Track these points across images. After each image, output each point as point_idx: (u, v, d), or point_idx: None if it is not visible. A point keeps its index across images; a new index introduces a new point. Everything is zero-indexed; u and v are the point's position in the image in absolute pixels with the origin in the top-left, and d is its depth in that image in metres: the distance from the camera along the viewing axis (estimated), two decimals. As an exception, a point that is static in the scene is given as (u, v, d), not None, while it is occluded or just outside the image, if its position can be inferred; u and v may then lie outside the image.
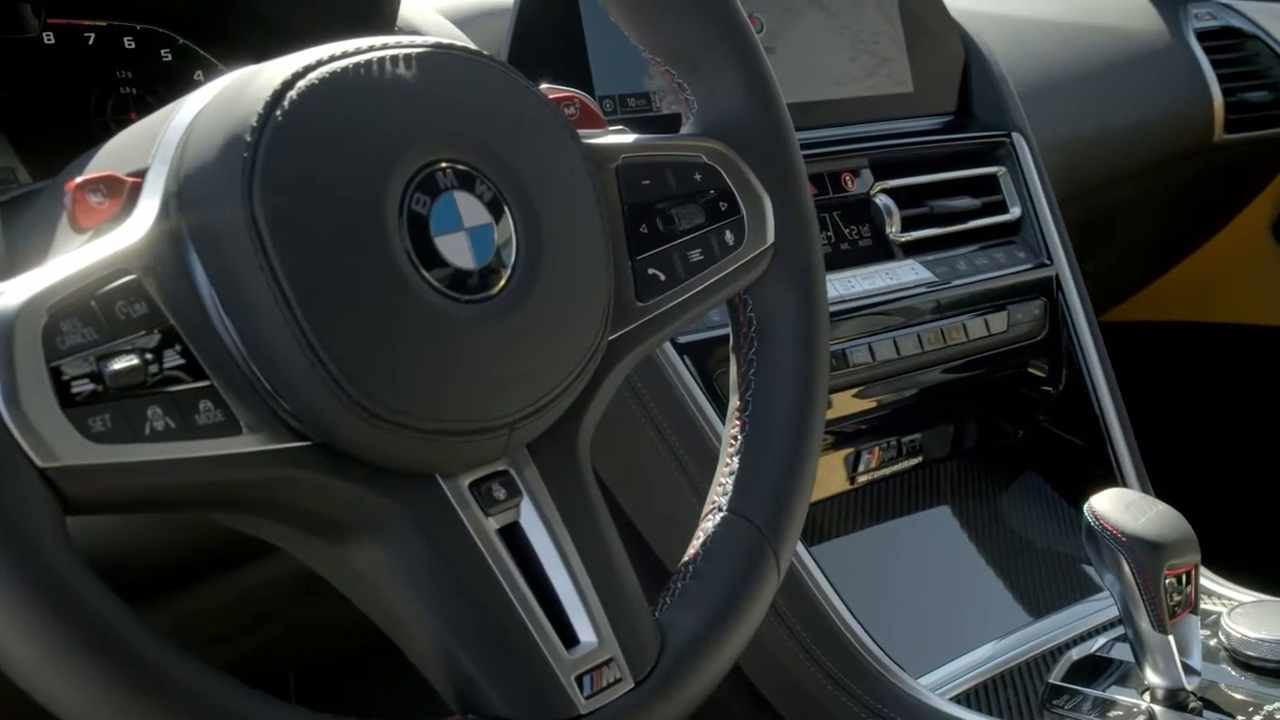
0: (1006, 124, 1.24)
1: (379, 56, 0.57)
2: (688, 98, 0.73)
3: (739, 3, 0.72)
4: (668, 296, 0.67)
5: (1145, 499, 0.93)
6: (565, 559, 0.61)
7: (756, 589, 0.67)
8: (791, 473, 0.71)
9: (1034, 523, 1.20)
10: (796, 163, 0.73)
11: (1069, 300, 1.21)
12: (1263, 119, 1.71)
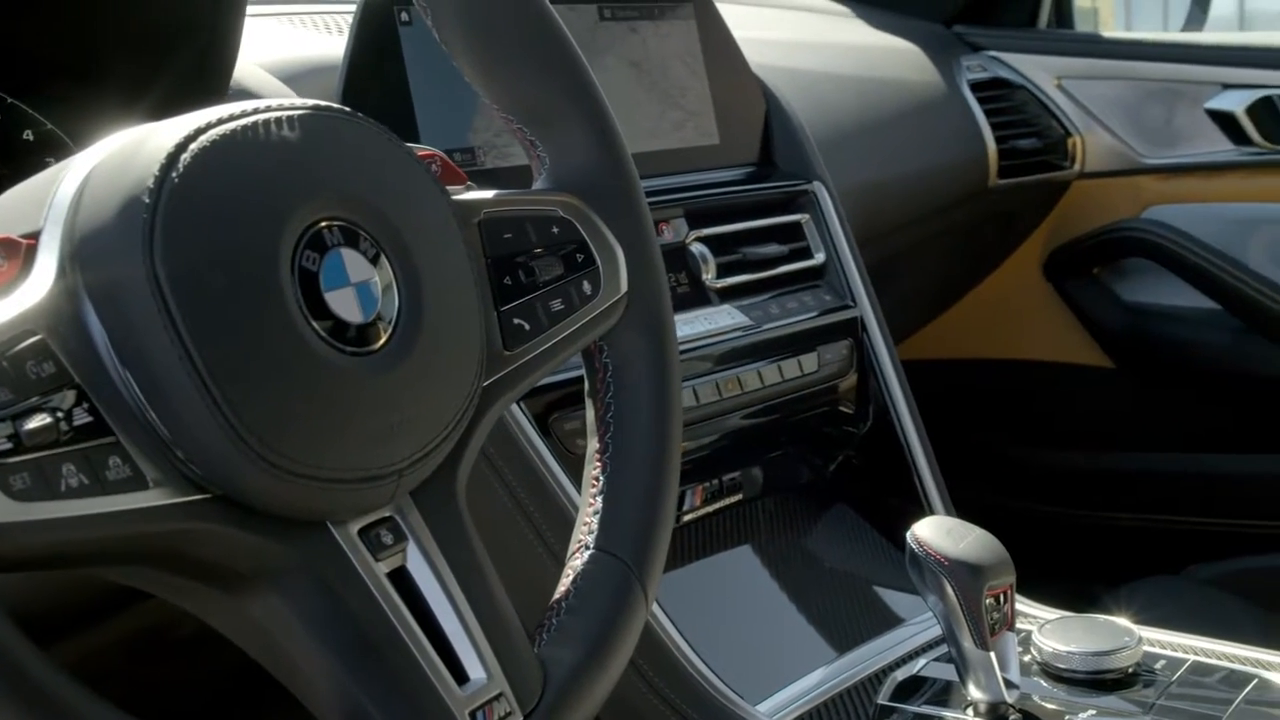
0: (807, 173, 1.31)
1: (264, 119, 0.59)
2: (539, 154, 0.76)
3: (586, 64, 0.76)
4: (533, 345, 0.71)
5: (963, 525, 1.00)
6: (451, 599, 0.64)
7: (628, 621, 0.71)
8: (653, 509, 0.75)
9: (851, 553, 1.27)
10: (645, 214, 0.78)
11: (873, 340, 1.29)
12: (1032, 165, 1.83)
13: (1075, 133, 1.85)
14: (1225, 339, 1.83)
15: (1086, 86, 1.85)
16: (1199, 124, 1.80)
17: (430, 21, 0.73)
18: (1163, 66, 1.83)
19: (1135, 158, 1.85)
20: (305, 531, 0.60)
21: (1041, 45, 1.88)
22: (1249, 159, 1.79)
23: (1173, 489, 1.89)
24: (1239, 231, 1.81)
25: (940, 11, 1.89)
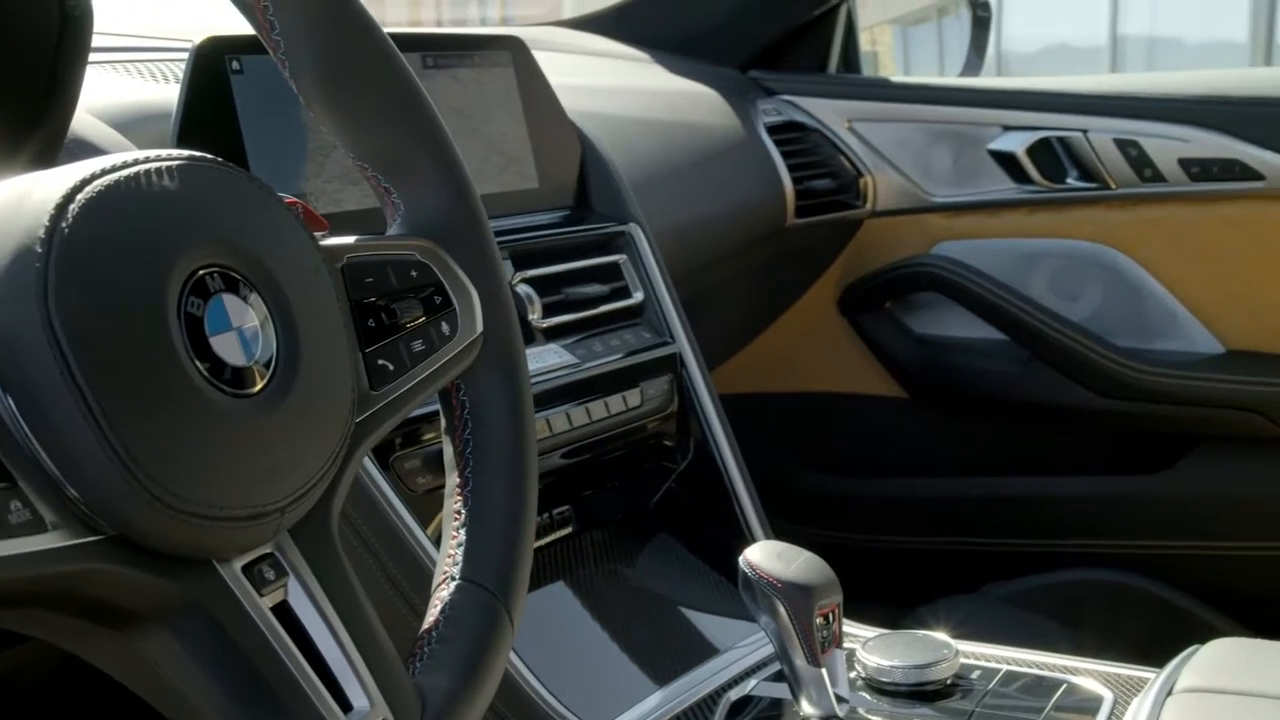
0: (623, 216, 1.37)
1: (146, 170, 0.62)
2: (394, 200, 0.80)
3: (438, 114, 0.80)
4: (398, 384, 0.75)
5: (792, 549, 1.06)
6: (333, 631, 0.67)
7: (497, 646, 0.76)
8: (514, 538, 0.79)
9: (680, 581, 1.32)
10: (496, 258, 0.82)
11: (691, 375, 1.35)
12: (826, 204, 1.92)
13: (866, 173, 1.95)
14: (1012, 367, 1.94)
15: (876, 129, 1.95)
16: (982, 164, 1.91)
17: (287, 74, 0.76)
18: (947, 109, 1.93)
19: (923, 196, 1.95)
20: (193, 569, 0.62)
21: (832, 90, 1.97)
22: (1029, 197, 1.90)
23: (968, 512, 1.99)
24: (1022, 265, 1.93)
25: (736, 58, 1.97)
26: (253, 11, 0.74)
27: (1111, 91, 1.89)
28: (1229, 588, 1.86)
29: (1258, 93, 1.83)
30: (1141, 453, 1.91)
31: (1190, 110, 1.82)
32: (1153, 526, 1.90)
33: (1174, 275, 1.88)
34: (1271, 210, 1.81)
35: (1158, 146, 1.83)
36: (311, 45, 0.75)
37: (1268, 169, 1.78)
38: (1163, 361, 1.87)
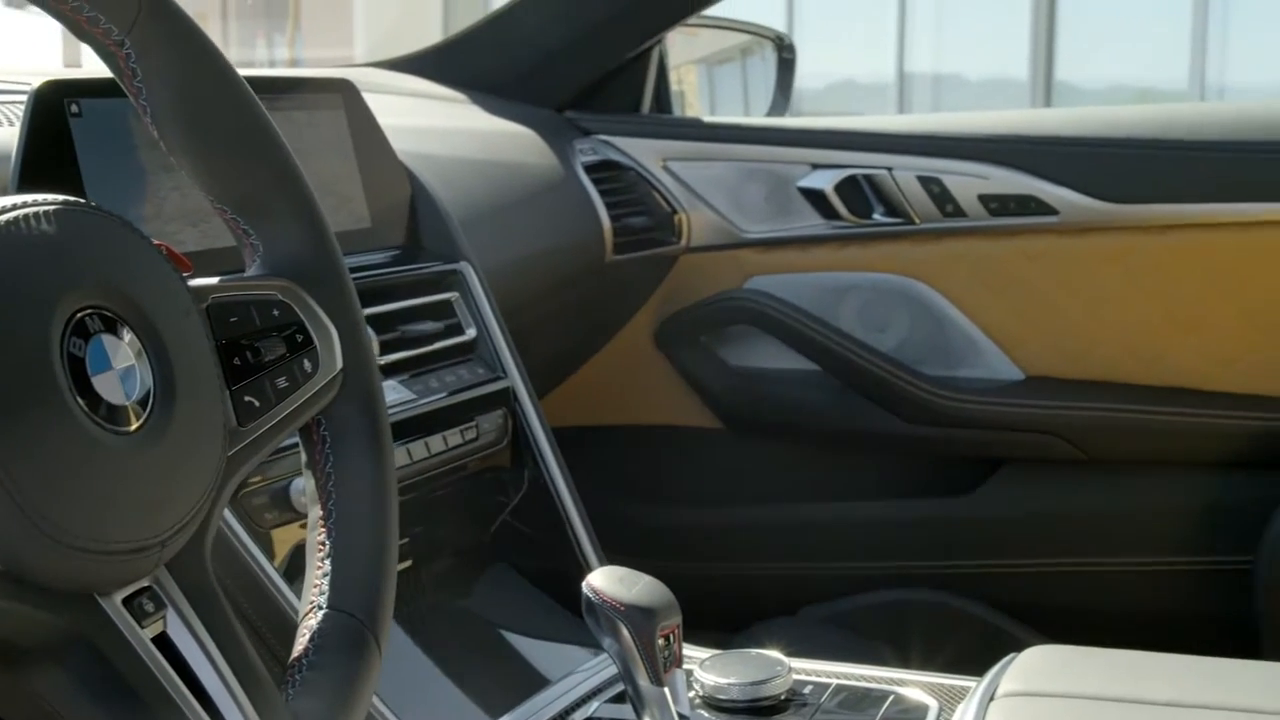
0: (454, 254, 1.41)
1: (23, 214, 0.65)
2: (253, 242, 0.83)
3: (294, 157, 0.83)
4: (264, 420, 0.78)
5: (632, 574, 1.11)
6: (211, 659, 0.70)
7: (366, 671, 0.79)
8: (379, 567, 0.83)
9: (519, 610, 1.36)
10: (353, 296, 0.86)
11: (524, 409, 1.39)
12: (643, 241, 1.98)
13: (681, 210, 2.01)
14: (825, 397, 2.02)
15: (690, 167, 2.02)
16: (793, 201, 1.99)
17: (149, 119, 0.78)
18: (758, 149, 2.01)
19: (737, 232, 2.02)
20: (77, 604, 0.65)
21: (646, 130, 2.04)
22: (838, 232, 1.99)
23: (786, 538, 2.06)
24: (832, 297, 2.01)
25: (551, 99, 2.02)
26: (114, 58, 0.77)
27: (915, 131, 1.98)
28: (1035, 602, 1.96)
29: (1052, 132, 1.94)
30: (950, 476, 2.01)
31: (989, 149, 1.93)
32: (962, 546, 1.99)
33: (976, 305, 1.98)
34: (1066, 243, 1.92)
35: (959, 183, 1.93)
36: (173, 92, 0.78)
37: (1062, 204, 1.89)
38: (967, 388, 1.97)
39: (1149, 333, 1.94)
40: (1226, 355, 1.91)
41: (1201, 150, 1.88)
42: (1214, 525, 1.90)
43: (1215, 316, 1.90)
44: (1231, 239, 1.87)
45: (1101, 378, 1.95)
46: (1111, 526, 1.95)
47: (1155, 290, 1.92)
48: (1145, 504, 1.93)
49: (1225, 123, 1.91)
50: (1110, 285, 1.93)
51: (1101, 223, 1.90)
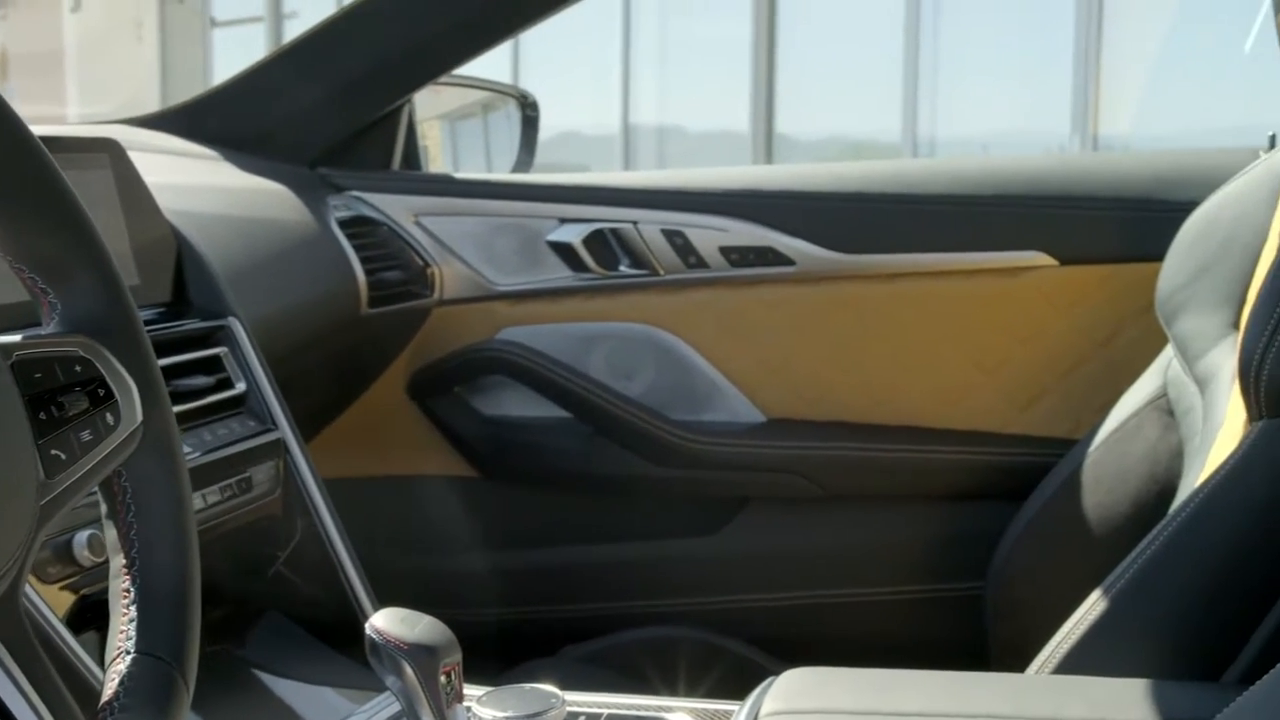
0: (222, 310, 1.44)
1: None
2: (51, 300, 0.86)
3: (89, 216, 0.87)
4: (70, 472, 0.81)
5: (413, 614, 1.16)
6: (30, 703, 0.74)
7: (177, 710, 0.83)
8: (184, 610, 0.87)
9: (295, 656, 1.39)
10: (150, 351, 0.90)
11: (295, 460, 1.43)
12: (397, 294, 2.03)
13: (434, 264, 2.07)
14: (577, 443, 2.10)
15: (441, 222, 2.08)
16: (542, 254, 2.07)
17: (-52, 178, 0.81)
18: (508, 204, 2.09)
19: (488, 285, 2.09)
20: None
21: (398, 186, 2.09)
22: (586, 283, 2.07)
23: (545, 582, 2.13)
24: (581, 347, 2.09)
25: (303, 156, 2.06)
26: None
27: (659, 187, 2.08)
28: (786, 633, 2.07)
29: (788, 187, 2.07)
30: (699, 515, 2.10)
31: (729, 203, 2.04)
32: (713, 583, 2.09)
33: (719, 352, 2.09)
34: (802, 292, 2.05)
35: (701, 236, 2.04)
36: None
37: (797, 255, 2.02)
38: (712, 431, 2.07)
39: (881, 375, 2.07)
40: (952, 395, 2.06)
41: (926, 203, 2.03)
42: (946, 555, 2.04)
43: (941, 359, 2.05)
44: (955, 286, 2.02)
45: (838, 418, 2.08)
46: (852, 558, 2.07)
47: (886, 335, 2.05)
48: (882, 536, 2.06)
49: (947, 178, 2.06)
50: (844, 331, 2.06)
51: (835, 272, 2.03)
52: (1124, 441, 1.75)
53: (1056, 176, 2.06)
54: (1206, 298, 1.62)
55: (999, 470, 2.02)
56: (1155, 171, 2.04)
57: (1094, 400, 1.95)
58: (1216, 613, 1.34)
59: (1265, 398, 1.35)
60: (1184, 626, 1.35)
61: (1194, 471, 1.53)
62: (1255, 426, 1.36)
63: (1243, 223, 1.62)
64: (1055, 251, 2.00)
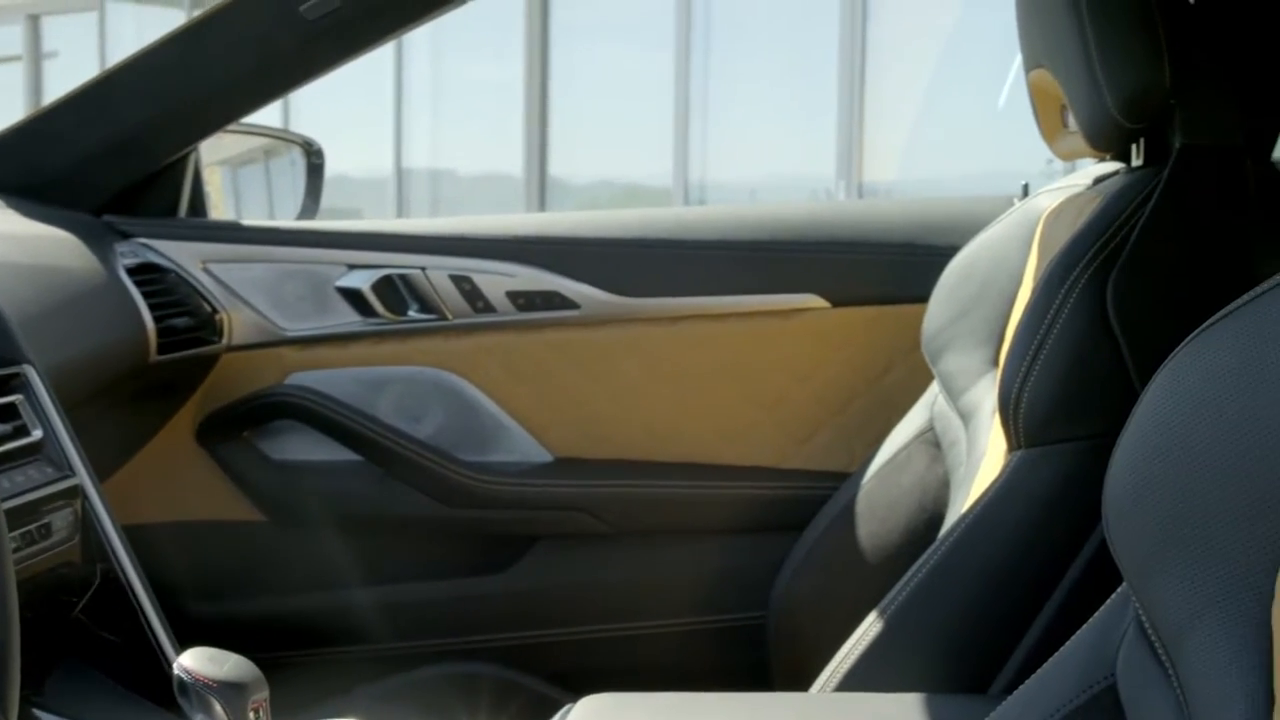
0: (17, 357, 1.45)
1: None
2: None
3: None
4: None
5: (220, 653, 1.20)
6: None
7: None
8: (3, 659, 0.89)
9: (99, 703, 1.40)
10: None
11: (94, 505, 1.45)
12: (186, 341, 2.04)
13: (222, 310, 2.09)
14: (368, 486, 2.13)
15: (229, 269, 2.10)
16: (331, 299, 2.11)
17: None
18: (296, 250, 2.12)
19: (277, 331, 2.12)
20: None
21: (185, 233, 2.10)
22: (375, 328, 2.12)
23: (338, 623, 2.16)
24: (371, 391, 2.13)
25: (88, 203, 2.06)
26: None
27: (446, 233, 2.14)
28: (576, 666, 2.13)
29: (572, 233, 2.15)
30: (490, 554, 2.16)
31: (516, 249, 2.11)
32: (506, 620, 2.14)
33: (506, 394, 2.15)
34: (587, 334, 2.12)
35: (488, 281, 2.10)
36: None
37: (582, 299, 2.10)
38: (501, 471, 2.13)
39: (664, 414, 2.16)
40: (732, 432, 2.15)
41: (706, 249, 2.13)
42: (729, 585, 2.13)
43: (721, 397, 2.15)
44: (733, 327, 2.12)
45: (623, 457, 2.16)
46: (640, 592, 2.14)
47: (668, 375, 2.14)
48: (668, 570, 2.14)
49: (725, 224, 2.17)
50: (628, 372, 2.14)
51: (618, 315, 2.11)
52: (895, 473, 1.86)
53: (828, 223, 2.18)
54: (968, 337, 1.74)
55: (778, 503, 2.12)
56: (920, 218, 2.18)
57: (866, 434, 2.07)
58: (983, 629, 1.45)
59: (1022, 430, 1.46)
60: (954, 643, 1.46)
61: (960, 499, 1.65)
62: (1014, 456, 1.48)
63: (1000, 266, 1.75)
64: (828, 294, 2.11)
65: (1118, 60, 1.48)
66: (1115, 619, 0.95)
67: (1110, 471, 0.90)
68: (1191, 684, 0.81)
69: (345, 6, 1.83)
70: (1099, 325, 1.46)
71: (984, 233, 1.86)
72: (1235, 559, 0.79)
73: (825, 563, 1.93)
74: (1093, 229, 1.50)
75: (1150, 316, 1.46)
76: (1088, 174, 1.79)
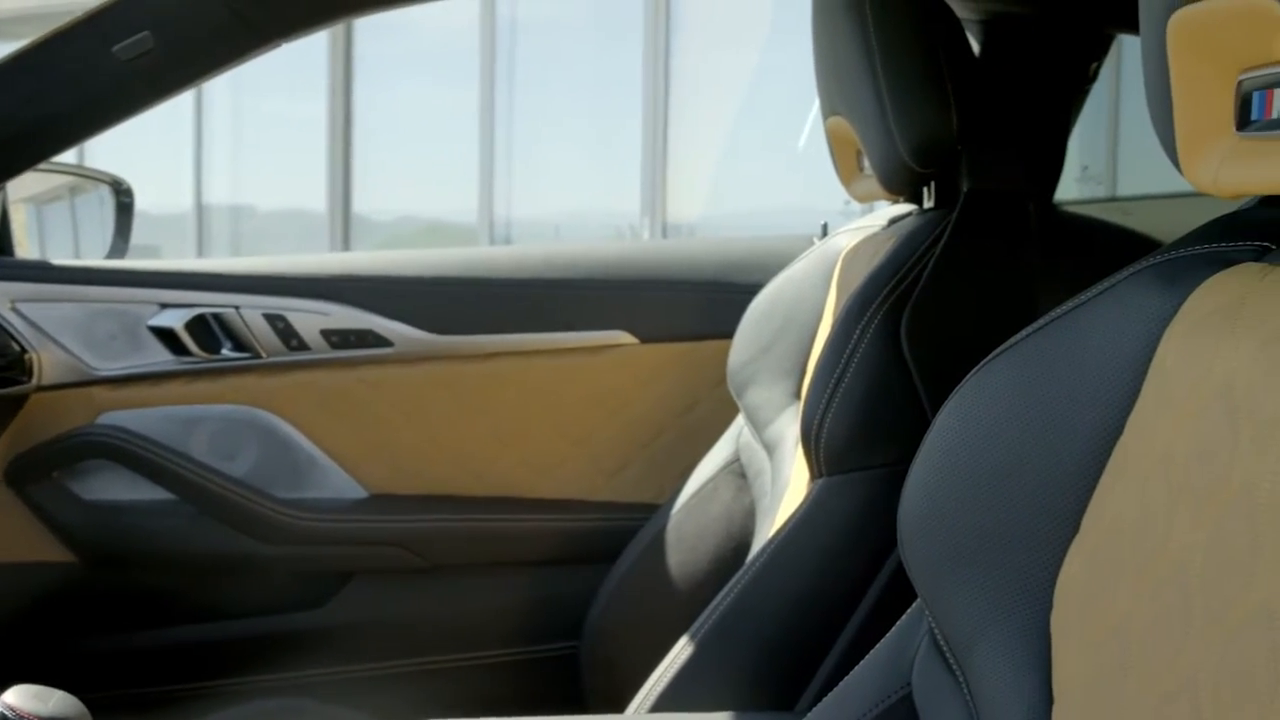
0: None
1: None
2: None
3: None
4: None
5: (45, 690, 1.21)
6: None
7: None
8: None
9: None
10: None
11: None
12: None
13: (31, 350, 2.08)
14: (182, 524, 2.13)
15: (39, 308, 2.09)
16: (144, 339, 2.11)
17: None
18: (108, 290, 2.11)
19: (88, 370, 2.11)
20: None
21: None
22: (189, 367, 2.12)
23: (155, 662, 2.15)
24: (185, 429, 2.14)
25: (-107, 242, 2.04)
26: None
27: (260, 272, 2.16)
28: (393, 700, 2.15)
29: (386, 272, 2.18)
30: (305, 590, 2.17)
31: (329, 288, 2.14)
32: (323, 655, 2.16)
33: (321, 431, 2.17)
34: (401, 371, 2.16)
35: (302, 320, 2.12)
36: None
37: (396, 337, 2.13)
38: (316, 508, 2.15)
39: (477, 449, 2.20)
40: (543, 466, 2.20)
41: (517, 287, 2.18)
42: (542, 616, 2.17)
43: (532, 432, 2.20)
44: (545, 364, 2.18)
45: (437, 492, 2.20)
46: (457, 625, 2.18)
47: (481, 411, 2.19)
48: (484, 603, 2.18)
49: (536, 263, 2.22)
50: (442, 408, 2.18)
51: (431, 352, 2.16)
52: (702, 503, 1.93)
53: (637, 261, 2.25)
54: (772, 371, 1.82)
55: (590, 535, 2.17)
56: (725, 256, 2.26)
57: (674, 467, 2.14)
58: (789, 649, 1.52)
59: (824, 459, 1.54)
60: (761, 663, 1.53)
61: (765, 527, 1.72)
62: (816, 484, 1.56)
63: (801, 303, 1.83)
64: (636, 330, 2.18)
65: (908, 110, 1.57)
66: (910, 633, 1.02)
67: (904, 495, 0.97)
68: (980, 689, 0.89)
69: (158, 48, 1.84)
70: (894, 358, 1.55)
71: (786, 271, 1.94)
72: (1018, 574, 0.87)
73: (636, 592, 1.99)
74: (888, 267, 1.59)
75: (941, 349, 1.55)
76: (883, 215, 1.88)
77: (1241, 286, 0.77)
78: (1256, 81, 0.75)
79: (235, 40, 1.79)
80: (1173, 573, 0.72)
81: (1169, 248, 0.88)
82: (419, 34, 9.63)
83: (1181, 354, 0.79)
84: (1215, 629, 0.67)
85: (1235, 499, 0.69)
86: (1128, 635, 0.75)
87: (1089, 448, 0.85)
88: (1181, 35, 0.77)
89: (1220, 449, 0.71)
